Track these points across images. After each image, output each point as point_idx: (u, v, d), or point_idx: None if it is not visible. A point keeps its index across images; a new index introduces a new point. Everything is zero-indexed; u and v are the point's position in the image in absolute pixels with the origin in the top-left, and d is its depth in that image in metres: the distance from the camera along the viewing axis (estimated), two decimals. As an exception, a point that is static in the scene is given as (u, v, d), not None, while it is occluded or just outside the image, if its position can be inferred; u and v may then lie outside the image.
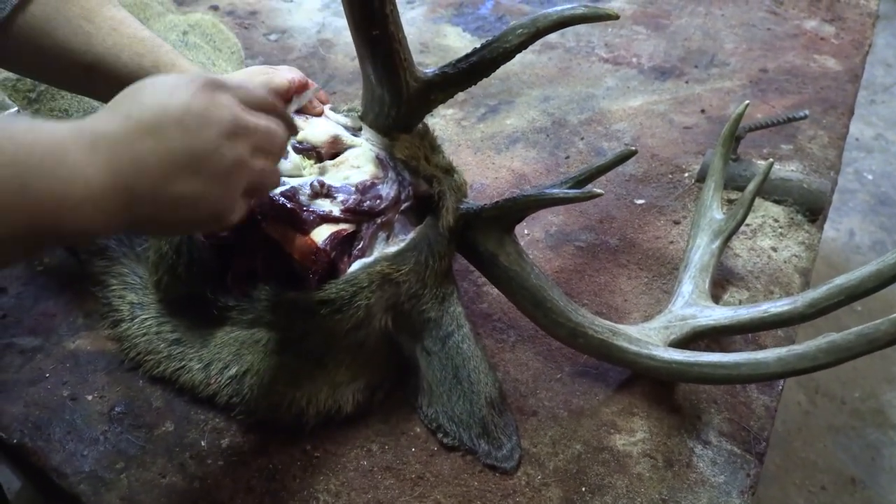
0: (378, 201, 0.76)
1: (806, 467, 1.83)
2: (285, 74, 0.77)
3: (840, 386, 2.02)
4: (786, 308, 0.79)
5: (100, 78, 0.74)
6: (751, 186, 0.93)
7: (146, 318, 0.85)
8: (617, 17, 0.68)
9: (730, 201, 1.10)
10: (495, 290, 0.86)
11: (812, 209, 1.09)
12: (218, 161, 0.53)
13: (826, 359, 0.66)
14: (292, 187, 0.74)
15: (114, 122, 0.49)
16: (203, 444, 0.78)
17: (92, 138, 0.48)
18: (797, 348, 0.69)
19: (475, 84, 0.75)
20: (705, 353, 0.75)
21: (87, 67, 0.72)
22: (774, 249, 1.05)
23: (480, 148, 1.26)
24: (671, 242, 1.06)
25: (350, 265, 0.74)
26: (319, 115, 0.80)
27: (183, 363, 0.82)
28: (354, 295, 0.72)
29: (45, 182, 0.44)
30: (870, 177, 2.75)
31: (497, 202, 0.80)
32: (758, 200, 1.09)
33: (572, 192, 0.77)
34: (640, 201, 1.14)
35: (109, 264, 0.90)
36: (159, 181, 0.50)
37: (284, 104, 0.80)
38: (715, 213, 0.97)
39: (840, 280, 0.76)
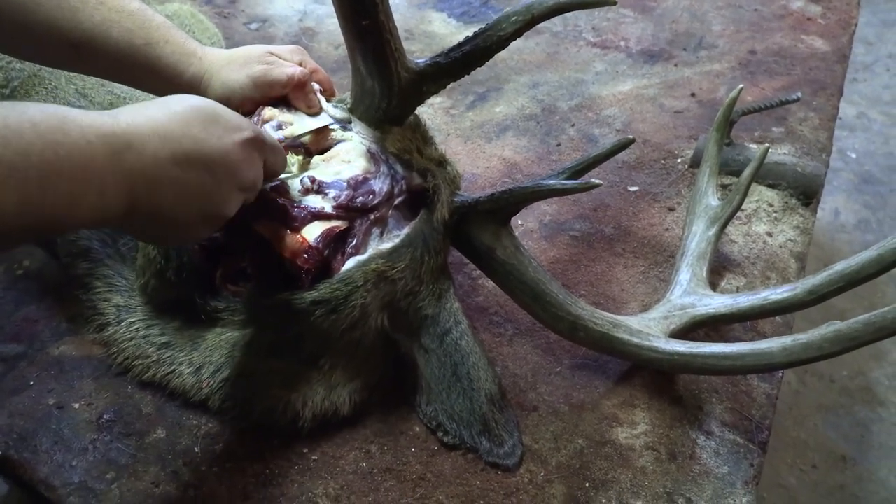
0: (371, 196, 0.74)
1: (797, 446, 1.85)
2: (285, 70, 0.74)
3: (828, 364, 2.03)
4: (786, 295, 0.78)
5: (89, 56, 0.70)
6: (747, 172, 0.92)
7: (133, 322, 0.83)
8: (615, 3, 0.66)
9: (724, 186, 1.09)
10: (491, 283, 0.84)
11: (806, 193, 1.08)
12: (220, 205, 0.59)
13: (832, 348, 0.65)
14: (282, 183, 0.72)
15: (150, 143, 0.52)
16: (196, 450, 0.76)
17: (122, 148, 0.50)
18: (802, 338, 0.68)
19: (468, 74, 0.73)
20: (708, 343, 0.74)
21: (75, 44, 0.69)
22: (770, 234, 1.04)
23: (470, 137, 1.24)
24: (666, 229, 1.05)
25: (344, 263, 0.72)
26: (316, 114, 0.77)
27: (173, 367, 0.79)
28: (349, 294, 0.70)
29: (63, 186, 0.46)
30: (853, 155, 2.76)
31: (492, 194, 0.78)
32: (752, 185, 1.08)
33: (570, 182, 0.76)
34: (634, 188, 1.13)
35: (93, 266, 0.87)
36: (165, 207, 0.55)
37: (274, 100, 0.77)
38: (710, 199, 0.96)
39: (840, 266, 0.75)
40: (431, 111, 1.29)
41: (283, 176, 0.72)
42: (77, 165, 0.47)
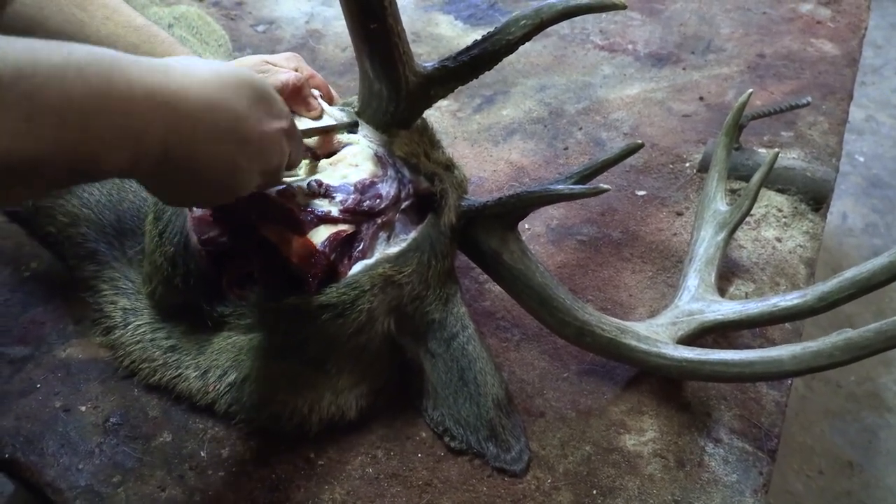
0: (378, 200, 0.74)
1: (803, 452, 1.83)
2: (279, 76, 0.74)
3: (836, 370, 2.02)
4: (795, 302, 0.77)
5: None
6: (756, 177, 0.91)
7: (140, 325, 0.83)
8: (624, 7, 0.66)
9: (732, 191, 1.08)
10: (498, 287, 0.84)
11: (816, 198, 1.07)
12: (240, 182, 0.59)
13: (842, 356, 0.65)
14: (289, 187, 0.72)
15: (196, 110, 0.51)
16: (203, 454, 0.76)
17: (168, 110, 0.49)
18: (812, 345, 0.67)
19: (476, 78, 0.72)
20: (716, 350, 0.74)
21: None
22: (779, 240, 1.03)
23: (477, 140, 1.24)
24: (674, 234, 1.05)
25: (350, 267, 0.72)
26: (318, 117, 0.77)
27: (179, 371, 0.79)
28: (356, 299, 0.70)
29: (104, 133, 0.45)
30: (861, 159, 2.75)
31: (500, 199, 0.78)
32: (761, 190, 1.08)
33: (577, 187, 0.75)
34: (642, 193, 1.12)
35: (99, 268, 0.87)
36: (192, 171, 0.54)
37: None
38: (719, 204, 0.96)
39: (850, 273, 0.74)
40: (438, 114, 1.29)
41: (289, 180, 0.72)
42: (119, 116, 0.46)
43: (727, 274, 0.98)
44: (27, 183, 0.45)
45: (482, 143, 1.23)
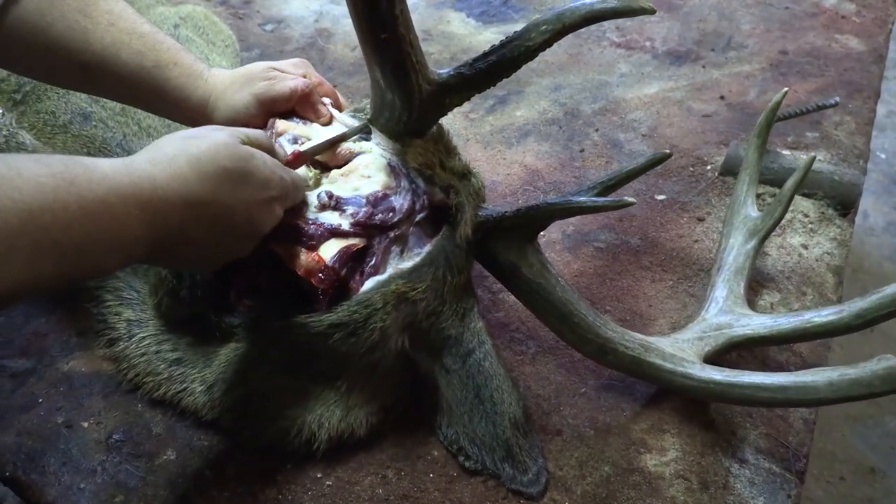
0: (391, 214, 0.71)
1: (824, 458, 1.79)
2: (287, 83, 0.72)
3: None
4: (831, 318, 0.74)
5: (98, 77, 0.71)
6: (790, 183, 0.87)
7: (144, 337, 0.80)
8: (653, 11, 0.62)
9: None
10: (513, 298, 0.81)
11: (843, 202, 1.03)
12: (233, 252, 0.63)
13: (883, 387, 0.61)
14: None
15: (181, 212, 0.55)
16: (207, 473, 0.73)
17: (154, 218, 0.53)
18: (850, 372, 0.63)
19: (494, 85, 0.69)
20: (746, 372, 0.70)
21: (85, 65, 0.69)
22: (805, 247, 0.99)
23: (490, 142, 1.20)
24: (696, 241, 1.01)
25: (362, 283, 0.69)
26: (327, 123, 0.74)
27: (185, 385, 0.77)
28: (368, 317, 0.67)
29: (97, 253, 0.50)
30: (883, 156, 2.68)
31: (518, 210, 0.74)
32: (786, 195, 1.04)
33: (601, 199, 0.72)
34: (661, 197, 1.09)
35: (104, 278, 0.85)
36: (180, 256, 0.59)
37: (284, 114, 0.74)
38: (750, 210, 0.91)
39: (890, 290, 0.71)
40: (450, 116, 1.23)
41: None
42: (114, 236, 0.50)
43: (751, 282, 0.94)
44: (20, 300, 0.49)
45: (495, 145, 1.20)
